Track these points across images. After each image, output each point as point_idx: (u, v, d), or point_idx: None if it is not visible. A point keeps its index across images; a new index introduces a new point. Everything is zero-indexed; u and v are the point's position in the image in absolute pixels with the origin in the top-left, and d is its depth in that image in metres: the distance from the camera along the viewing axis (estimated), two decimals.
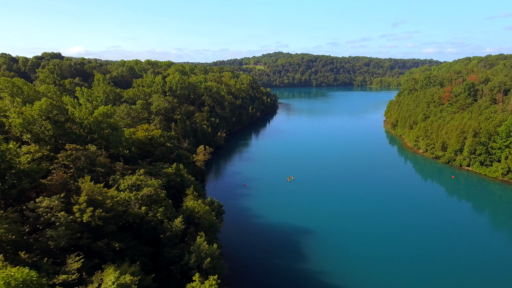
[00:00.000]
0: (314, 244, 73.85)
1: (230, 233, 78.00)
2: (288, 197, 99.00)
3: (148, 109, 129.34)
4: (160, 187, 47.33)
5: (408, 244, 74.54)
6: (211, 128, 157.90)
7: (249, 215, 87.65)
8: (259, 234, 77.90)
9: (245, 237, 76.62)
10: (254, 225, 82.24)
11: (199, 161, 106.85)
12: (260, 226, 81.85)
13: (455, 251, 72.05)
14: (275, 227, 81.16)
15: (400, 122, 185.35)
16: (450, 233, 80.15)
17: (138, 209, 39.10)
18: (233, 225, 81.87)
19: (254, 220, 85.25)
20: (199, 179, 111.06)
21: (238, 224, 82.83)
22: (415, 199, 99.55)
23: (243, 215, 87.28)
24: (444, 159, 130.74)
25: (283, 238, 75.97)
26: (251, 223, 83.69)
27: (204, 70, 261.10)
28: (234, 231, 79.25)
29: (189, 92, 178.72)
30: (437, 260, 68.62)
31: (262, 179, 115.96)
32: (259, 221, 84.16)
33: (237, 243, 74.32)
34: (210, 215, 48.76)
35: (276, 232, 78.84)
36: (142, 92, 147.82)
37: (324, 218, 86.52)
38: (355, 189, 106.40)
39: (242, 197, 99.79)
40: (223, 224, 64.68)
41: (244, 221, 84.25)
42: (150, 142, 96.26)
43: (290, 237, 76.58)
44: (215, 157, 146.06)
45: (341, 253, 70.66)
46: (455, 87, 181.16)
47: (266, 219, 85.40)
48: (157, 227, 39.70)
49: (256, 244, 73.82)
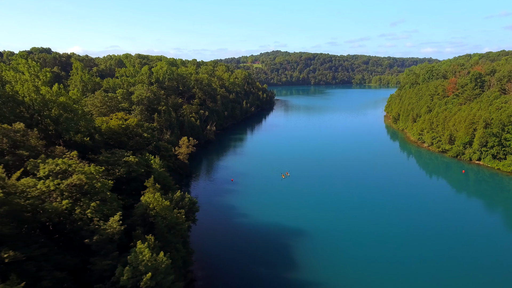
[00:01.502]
0: (308, 249, 63.09)
1: (209, 235, 67.20)
2: (280, 195, 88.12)
3: (129, 99, 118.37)
4: (102, 176, 36.45)
5: (415, 246, 63.92)
6: (200, 121, 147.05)
7: (234, 214, 76.77)
8: (244, 237, 67.04)
9: (228, 240, 65.77)
10: (239, 226, 71.36)
11: (181, 154, 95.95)
12: (246, 227, 70.99)
13: (467, 253, 61.89)
14: (264, 228, 70.30)
15: (402, 115, 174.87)
16: (461, 233, 69.83)
17: (59, 203, 28.44)
18: (214, 226, 71.08)
19: (239, 220, 74.35)
20: (184, 174, 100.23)
21: (219, 225, 72.01)
22: (421, 197, 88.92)
23: (226, 215, 76.40)
24: (451, 152, 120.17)
25: (272, 242, 65.16)
26: (235, 223, 72.80)
27: (196, 64, 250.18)
28: (214, 233, 68.42)
29: (177, 84, 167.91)
30: (448, 263, 58.23)
31: (253, 175, 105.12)
32: (245, 222, 73.28)
33: (217, 247, 63.45)
34: (170, 212, 38.00)
35: (265, 234, 68.01)
36: (125, 82, 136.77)
37: (321, 219, 75.74)
38: (355, 187, 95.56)
39: (228, 194, 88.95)
40: (196, 225, 54.07)
41: (227, 222, 73.39)
42: (124, 131, 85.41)
43: (281, 241, 65.75)
44: (203, 152, 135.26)
45: (340, 258, 59.95)
46: (460, 79, 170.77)
47: (253, 219, 74.53)
48: (83, 228, 29.05)
49: (241, 248, 63.01)
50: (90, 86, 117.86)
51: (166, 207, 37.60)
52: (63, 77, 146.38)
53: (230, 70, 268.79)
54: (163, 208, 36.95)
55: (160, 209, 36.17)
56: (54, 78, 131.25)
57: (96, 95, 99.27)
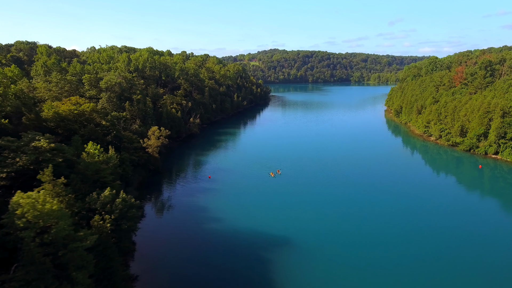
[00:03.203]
0: (297, 263, 49.00)
1: (171, 246, 52.97)
2: (267, 196, 73.72)
3: (98, 87, 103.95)
4: None
5: (426, 252, 50.00)
6: (183, 113, 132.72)
7: (206, 218, 62.47)
8: (216, 247, 52.86)
9: (193, 251, 51.55)
10: (210, 234, 57.10)
11: (150, 146, 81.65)
12: (220, 235, 56.76)
13: (485, 260, 48.84)
14: (242, 236, 56.15)
15: (405, 108, 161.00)
16: (476, 236, 56.67)
17: None
18: (179, 234, 56.91)
19: (211, 226, 60.04)
20: (154, 170, 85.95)
21: (186, 231, 57.76)
22: (429, 196, 74.76)
23: (196, 219, 62.07)
24: (463, 146, 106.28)
25: (252, 253, 51.09)
26: (206, 230, 58.51)
27: (185, 56, 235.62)
28: (178, 242, 54.20)
29: (160, 73, 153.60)
30: (462, 268, 44.77)
31: (237, 172, 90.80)
32: (220, 228, 59.02)
33: (180, 262, 49.17)
34: (64, 221, 23.84)
35: (243, 244, 53.87)
36: (99, 69, 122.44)
37: (315, 225, 61.62)
38: (356, 187, 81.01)
39: (202, 193, 74.66)
40: (136, 235, 39.99)
41: (196, 228, 59.10)
42: (77, 118, 71.14)
43: (264, 252, 51.68)
44: (185, 146, 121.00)
45: (340, 272, 45.90)
46: (468, 68, 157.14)
47: (231, 224, 60.29)
48: None
49: (209, 261, 48.82)
50: (54, 72, 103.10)
51: (52, 213, 23.49)
52: (25, 62, 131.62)
53: (222, 63, 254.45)
54: (46, 214, 22.93)
55: (34, 216, 22.18)
56: (14, 63, 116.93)
57: (51, 77, 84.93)
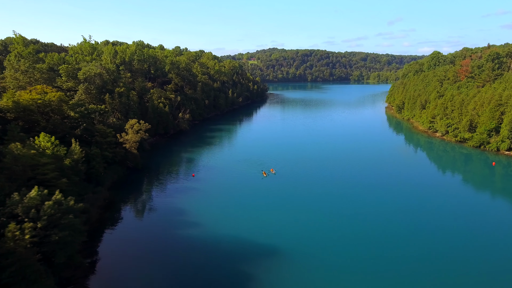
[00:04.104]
0: (292, 272, 40.93)
1: (139, 257, 44.79)
2: (256, 197, 65.28)
3: (77, 78, 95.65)
4: None
5: (435, 259, 41.98)
6: (171, 108, 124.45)
7: (182, 222, 54.20)
8: (195, 258, 44.72)
9: (166, 261, 43.33)
10: (187, 242, 48.89)
11: (128, 141, 73.30)
12: (199, 243, 48.57)
13: (499, 264, 41.86)
14: (223, 245, 47.96)
15: (408, 103, 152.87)
16: (490, 240, 48.81)
17: None
18: (151, 242, 48.68)
19: (188, 232, 51.82)
20: (133, 167, 77.68)
21: (159, 239, 49.52)
22: (436, 197, 66.53)
23: (172, 224, 53.83)
24: (473, 142, 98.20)
25: (236, 266, 42.93)
26: (182, 237, 50.29)
27: (179, 52, 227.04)
28: (149, 252, 45.96)
29: (149, 67, 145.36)
30: (477, 276, 36.80)
31: (225, 171, 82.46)
32: (198, 235, 50.79)
33: (147, 278, 40.98)
34: None
35: (223, 255, 45.69)
36: (80, 60, 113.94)
37: (311, 228, 53.51)
38: (356, 187, 72.53)
39: (184, 193, 66.39)
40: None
41: (171, 234, 50.87)
42: (42, 109, 62.97)
43: (249, 264, 43.53)
44: (173, 143, 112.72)
45: (336, 278, 37.85)
46: (474, 62, 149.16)
47: (210, 230, 52.09)
48: None
49: (183, 273, 40.67)
50: (23, 60, 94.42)
51: None
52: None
53: (217, 59, 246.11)
54: None
55: None
56: None
57: (19, 65, 76.65)
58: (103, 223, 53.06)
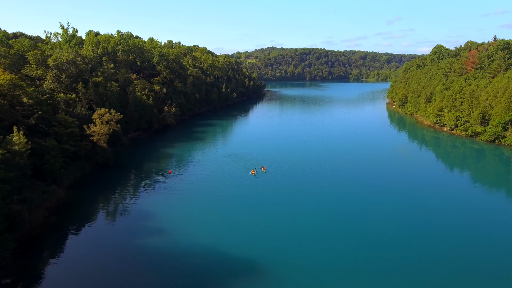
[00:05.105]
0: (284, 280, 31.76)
1: (90, 270, 35.49)
2: (241, 198, 56.05)
3: (48, 66, 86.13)
4: None
5: (447, 264, 32.77)
6: (156, 100, 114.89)
7: (150, 231, 44.69)
8: (160, 271, 35.42)
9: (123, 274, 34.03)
10: (151, 256, 39.51)
11: (97, 134, 63.77)
12: (164, 255, 39.21)
13: None
14: (197, 258, 38.64)
15: (412, 97, 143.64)
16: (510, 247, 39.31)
17: None
18: (108, 249, 39.37)
19: (154, 242, 42.42)
20: (103, 163, 68.14)
21: (118, 248, 40.15)
22: (445, 197, 57.18)
23: (136, 231, 44.41)
24: (486, 136, 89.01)
25: (212, 279, 33.71)
26: (143, 250, 40.87)
27: (170, 46, 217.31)
28: (99, 266, 36.61)
29: (134, 58, 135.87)
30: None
31: (209, 168, 73.14)
32: (166, 245, 41.42)
33: None
34: None
35: (198, 269, 36.41)
36: (56, 48, 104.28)
37: (307, 232, 44.30)
38: (356, 187, 63.42)
39: (157, 193, 56.97)
40: None
41: (131, 242, 41.50)
42: None
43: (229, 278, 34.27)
44: (157, 138, 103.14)
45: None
46: (481, 53, 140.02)
47: (181, 238, 42.74)
48: None
49: None
50: None
51: None
52: None
53: (211, 54, 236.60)
54: None
55: None
56: None
57: None
58: (47, 229, 43.50)
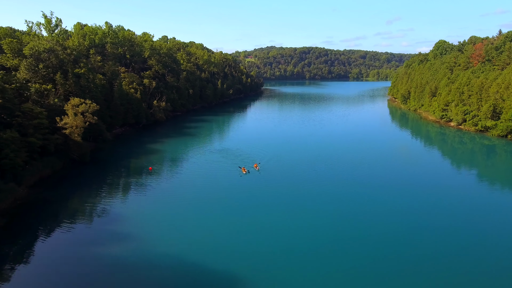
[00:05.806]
0: None
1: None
2: (228, 199, 49.73)
3: (23, 55, 79.72)
4: None
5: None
6: (145, 95, 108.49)
7: (122, 236, 38.27)
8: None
9: None
10: (117, 267, 33.10)
11: (70, 127, 57.37)
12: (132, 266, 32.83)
13: None
14: (166, 269, 32.29)
15: (415, 92, 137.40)
16: None
17: None
18: (73, 255, 32.98)
19: (122, 250, 36.04)
20: (77, 159, 61.65)
21: (79, 261, 33.76)
22: (453, 198, 50.63)
23: (105, 236, 38.00)
24: (497, 130, 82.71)
25: None
26: (108, 254, 34.48)
27: (164, 40, 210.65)
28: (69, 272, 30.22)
29: (124, 52, 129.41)
30: None
31: (195, 164, 66.75)
32: (131, 252, 35.04)
33: None
34: None
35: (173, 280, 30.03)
36: (37, 37, 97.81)
37: (303, 236, 37.96)
38: (355, 189, 56.77)
39: (135, 193, 50.52)
40: None
41: (93, 255, 35.09)
42: None
43: None
44: (145, 133, 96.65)
45: None
46: (488, 46, 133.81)
47: (148, 246, 36.36)
48: None
49: None
50: None
51: None
52: None
53: (207, 49, 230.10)
54: None
55: None
56: None
57: None
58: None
